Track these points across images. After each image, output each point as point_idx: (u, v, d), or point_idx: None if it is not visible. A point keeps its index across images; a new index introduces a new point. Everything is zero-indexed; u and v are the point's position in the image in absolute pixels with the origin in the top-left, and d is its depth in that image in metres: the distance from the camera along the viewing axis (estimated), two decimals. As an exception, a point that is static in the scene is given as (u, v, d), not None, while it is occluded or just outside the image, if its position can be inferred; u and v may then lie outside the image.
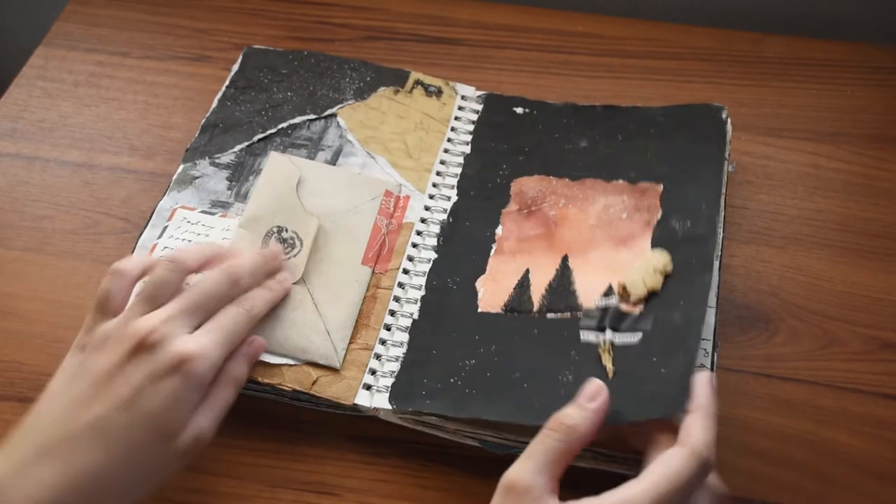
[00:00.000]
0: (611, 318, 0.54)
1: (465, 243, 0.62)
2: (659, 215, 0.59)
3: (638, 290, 0.54)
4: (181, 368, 0.48)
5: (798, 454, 0.56)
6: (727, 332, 0.60)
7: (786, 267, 0.64)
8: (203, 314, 0.51)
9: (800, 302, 0.62)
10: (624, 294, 0.55)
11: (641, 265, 0.55)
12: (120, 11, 0.80)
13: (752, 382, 0.59)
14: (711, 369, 0.54)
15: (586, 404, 0.47)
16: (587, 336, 0.54)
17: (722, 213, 0.58)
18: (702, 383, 0.47)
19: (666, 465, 0.43)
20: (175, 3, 0.81)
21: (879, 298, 0.62)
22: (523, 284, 0.58)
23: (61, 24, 0.79)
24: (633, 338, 0.53)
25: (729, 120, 0.63)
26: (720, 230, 0.58)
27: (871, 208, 0.67)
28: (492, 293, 0.59)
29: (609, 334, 0.54)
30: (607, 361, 0.52)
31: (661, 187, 0.60)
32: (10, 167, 0.70)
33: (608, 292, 0.56)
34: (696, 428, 0.45)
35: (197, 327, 0.51)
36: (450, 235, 0.62)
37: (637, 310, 0.54)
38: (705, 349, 0.55)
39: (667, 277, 0.55)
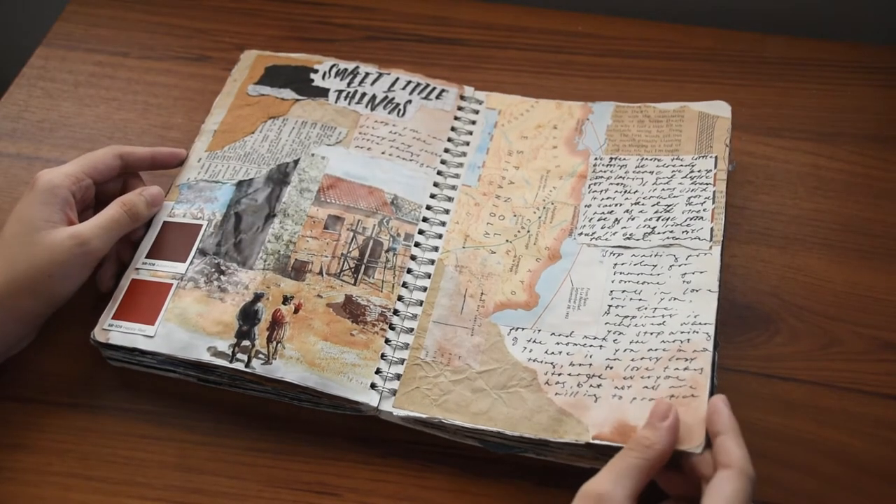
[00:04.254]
0: None
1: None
2: None
3: None
4: None
5: (798, 454, 0.56)
6: (727, 332, 0.60)
7: (786, 267, 0.64)
8: None
9: (800, 302, 0.62)
10: None
11: None
12: (120, 11, 0.80)
13: (752, 382, 0.59)
14: (712, 369, 0.54)
15: (658, 423, 0.49)
16: None
17: None
18: (720, 406, 0.49)
19: (722, 489, 0.45)
20: (175, 3, 0.81)
21: (880, 298, 0.62)
22: None
23: (61, 24, 0.79)
24: None
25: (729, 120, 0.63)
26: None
27: (871, 208, 0.67)
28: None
29: None
30: None
31: None
32: (10, 167, 0.70)
33: None
34: (733, 447, 0.47)
35: None
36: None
37: None
38: (708, 333, 0.55)
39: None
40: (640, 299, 0.57)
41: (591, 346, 0.56)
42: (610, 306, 0.58)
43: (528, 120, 0.69)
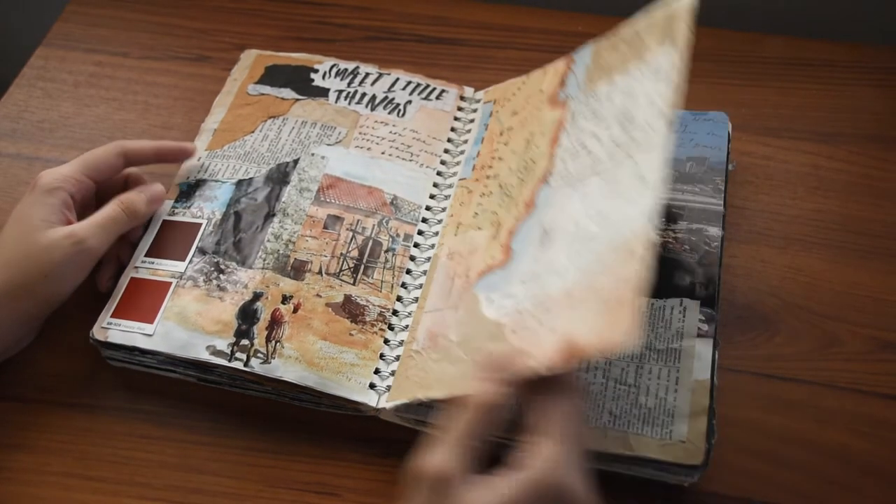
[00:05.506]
0: None
1: None
2: None
3: None
4: None
5: (798, 454, 0.56)
6: (727, 332, 0.60)
7: (786, 267, 0.64)
8: None
9: (800, 302, 0.62)
10: None
11: None
12: (120, 11, 0.80)
13: (753, 383, 0.59)
14: (712, 369, 0.54)
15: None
16: None
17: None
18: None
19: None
20: (175, 3, 0.81)
21: (879, 299, 0.62)
22: None
23: (61, 24, 0.79)
24: None
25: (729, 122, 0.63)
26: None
27: (871, 208, 0.67)
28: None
29: None
30: None
31: None
32: (10, 167, 0.70)
33: None
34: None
35: None
36: None
37: None
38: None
39: None
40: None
41: (552, 276, 0.51)
42: (574, 234, 0.52)
43: (519, 97, 0.67)
